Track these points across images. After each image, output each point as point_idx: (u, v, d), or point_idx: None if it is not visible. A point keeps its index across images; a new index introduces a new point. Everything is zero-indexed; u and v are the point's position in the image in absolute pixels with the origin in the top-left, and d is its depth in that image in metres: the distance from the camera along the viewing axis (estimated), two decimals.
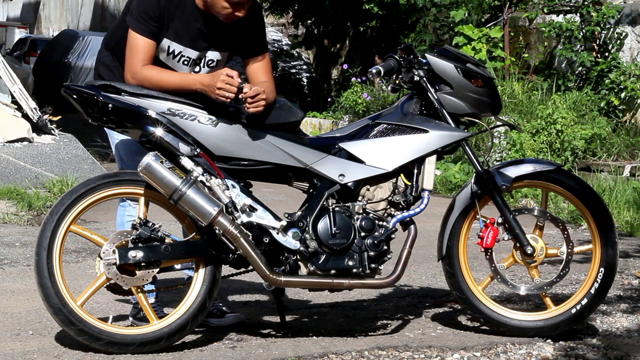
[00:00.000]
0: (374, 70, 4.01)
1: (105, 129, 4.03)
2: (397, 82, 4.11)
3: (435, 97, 4.05)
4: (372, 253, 3.93)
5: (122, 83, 3.88)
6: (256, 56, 4.04)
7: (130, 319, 4.18)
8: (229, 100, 3.79)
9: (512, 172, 4.09)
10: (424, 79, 4.06)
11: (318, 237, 3.90)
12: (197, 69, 4.03)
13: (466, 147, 4.10)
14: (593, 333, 4.21)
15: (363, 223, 3.94)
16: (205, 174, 3.79)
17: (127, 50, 3.90)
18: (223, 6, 3.84)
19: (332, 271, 3.91)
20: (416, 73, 4.06)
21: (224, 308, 4.27)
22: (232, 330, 4.15)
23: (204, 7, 3.91)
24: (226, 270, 3.99)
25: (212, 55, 4.03)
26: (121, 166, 4.16)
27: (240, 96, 3.79)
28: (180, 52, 3.97)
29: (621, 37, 11.14)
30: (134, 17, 3.88)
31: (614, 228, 4.12)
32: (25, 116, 10.51)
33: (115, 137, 4.11)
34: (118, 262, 3.74)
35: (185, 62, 3.99)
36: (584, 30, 11.19)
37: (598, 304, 4.14)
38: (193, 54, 3.99)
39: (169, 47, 3.94)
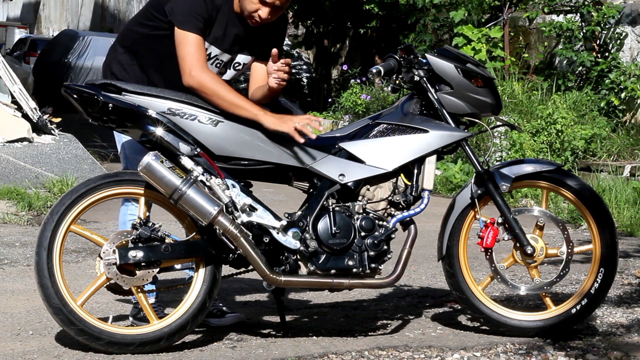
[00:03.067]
0: (374, 70, 4.00)
1: None
2: (397, 82, 4.11)
3: (435, 97, 4.05)
4: (372, 253, 3.93)
5: (122, 82, 3.87)
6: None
7: (130, 319, 4.18)
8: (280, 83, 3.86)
9: (512, 172, 4.09)
10: (424, 79, 4.06)
11: (318, 236, 3.90)
12: (225, 71, 4.06)
13: (466, 147, 4.10)
14: (593, 333, 4.21)
15: (363, 223, 3.94)
16: (205, 174, 3.79)
17: (181, 51, 3.83)
18: (252, 1, 3.85)
19: (332, 271, 3.91)
20: (416, 73, 4.06)
21: (224, 308, 4.27)
22: (232, 330, 4.15)
23: (240, 11, 3.92)
24: (226, 270, 3.99)
25: (241, 58, 4.06)
26: (126, 165, 4.16)
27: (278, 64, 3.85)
28: (216, 55, 3.99)
29: (621, 37, 11.14)
30: (183, 17, 3.83)
31: (614, 228, 4.12)
32: (25, 116, 10.50)
33: (122, 137, 4.12)
34: (118, 262, 3.74)
35: (218, 65, 4.02)
36: (584, 30, 11.19)
37: (598, 304, 4.14)
38: (226, 57, 4.02)
39: (206, 49, 3.95)
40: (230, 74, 4.09)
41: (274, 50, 3.84)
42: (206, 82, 3.81)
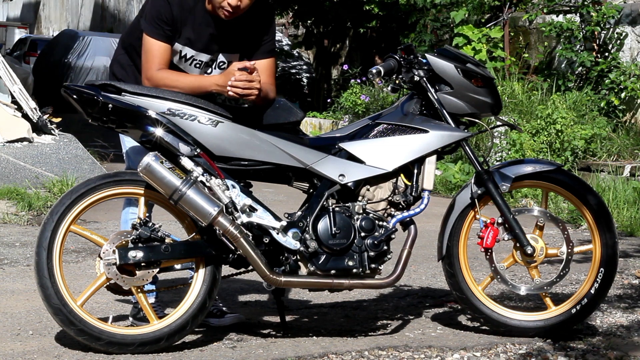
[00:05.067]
0: (374, 70, 4.01)
1: None
2: (397, 82, 4.11)
3: (435, 97, 4.05)
4: (372, 253, 3.93)
5: (122, 82, 3.88)
6: (263, 58, 4.04)
7: (130, 319, 4.18)
8: (240, 96, 3.80)
9: (512, 172, 4.10)
10: (424, 79, 4.06)
11: (318, 237, 3.90)
12: (209, 70, 4.07)
13: (466, 147, 4.10)
14: (593, 333, 4.21)
15: (363, 223, 3.94)
16: (205, 174, 3.79)
17: (142, 55, 3.92)
18: None
19: (332, 271, 3.91)
20: (416, 73, 4.06)
21: (224, 308, 4.27)
22: (232, 330, 4.15)
23: (213, 10, 3.92)
24: (226, 270, 3.99)
25: (224, 57, 4.05)
26: (129, 165, 4.17)
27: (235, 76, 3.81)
28: (192, 56, 4.00)
29: (621, 37, 11.14)
30: (148, 21, 3.90)
31: (614, 228, 4.12)
32: (25, 116, 10.50)
33: (126, 137, 4.12)
34: (118, 262, 3.74)
35: (197, 65, 4.03)
36: (584, 30, 11.19)
37: (598, 304, 4.14)
38: (205, 57, 4.02)
39: (181, 51, 3.98)
40: (215, 73, 4.06)
41: (251, 66, 3.82)
42: (160, 85, 3.87)
